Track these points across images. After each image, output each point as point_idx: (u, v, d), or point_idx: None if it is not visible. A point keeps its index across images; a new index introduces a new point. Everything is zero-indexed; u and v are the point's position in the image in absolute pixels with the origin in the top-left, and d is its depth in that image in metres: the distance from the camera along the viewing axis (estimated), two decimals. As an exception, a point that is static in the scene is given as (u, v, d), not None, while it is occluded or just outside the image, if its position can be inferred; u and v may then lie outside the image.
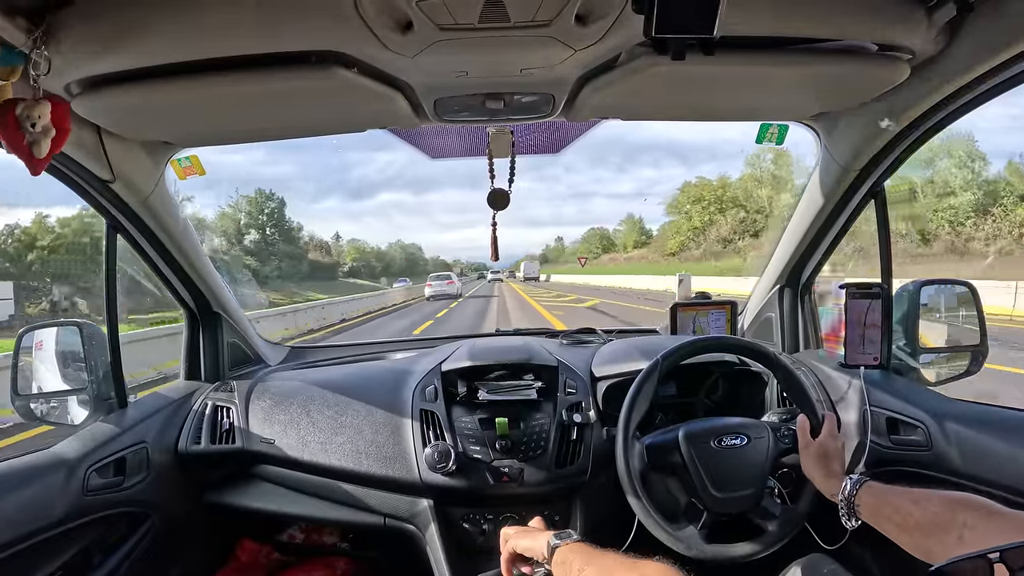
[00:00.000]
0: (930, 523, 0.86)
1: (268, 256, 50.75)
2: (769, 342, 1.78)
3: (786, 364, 1.27)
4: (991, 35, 0.93)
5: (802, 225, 1.58)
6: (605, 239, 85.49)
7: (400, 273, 76.38)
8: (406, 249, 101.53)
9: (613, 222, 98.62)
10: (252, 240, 51.24)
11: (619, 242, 78.30)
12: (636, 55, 1.02)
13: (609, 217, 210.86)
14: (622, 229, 79.29)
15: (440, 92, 1.15)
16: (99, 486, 1.25)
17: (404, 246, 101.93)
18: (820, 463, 1.13)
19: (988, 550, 0.52)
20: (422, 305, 24.20)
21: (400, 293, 29.79)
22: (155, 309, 9.15)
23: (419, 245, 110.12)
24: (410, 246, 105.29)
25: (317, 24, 0.89)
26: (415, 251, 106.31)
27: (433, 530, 1.38)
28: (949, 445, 1.16)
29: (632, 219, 77.30)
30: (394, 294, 28.99)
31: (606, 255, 78.10)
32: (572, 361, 1.58)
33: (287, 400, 1.55)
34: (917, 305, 1.44)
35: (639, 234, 72.33)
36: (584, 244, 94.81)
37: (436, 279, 29.46)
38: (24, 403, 1.35)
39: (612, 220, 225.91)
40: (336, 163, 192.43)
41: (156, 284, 1.62)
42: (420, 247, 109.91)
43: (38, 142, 0.86)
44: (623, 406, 1.21)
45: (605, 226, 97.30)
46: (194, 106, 1.13)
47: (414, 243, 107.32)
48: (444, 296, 26.68)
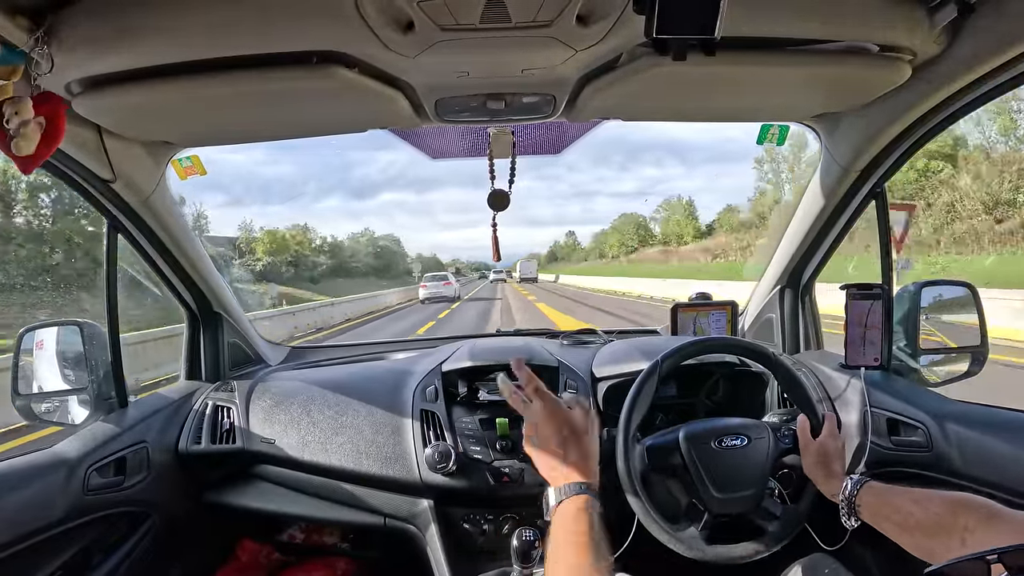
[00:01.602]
0: (932, 524, 0.86)
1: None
2: (770, 343, 1.78)
3: (787, 365, 1.27)
4: (992, 36, 0.93)
5: (803, 226, 1.58)
6: (642, 228, 72.11)
7: (370, 275, 59.71)
8: (376, 242, 74.60)
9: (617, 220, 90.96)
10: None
11: (667, 231, 63.49)
12: (637, 56, 1.02)
13: (610, 217, 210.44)
14: (664, 216, 65.33)
15: (441, 92, 1.15)
16: (99, 486, 1.25)
17: (374, 238, 75.64)
18: (821, 463, 1.13)
19: (986, 552, 0.52)
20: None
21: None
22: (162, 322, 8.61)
23: (398, 238, 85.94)
24: (383, 238, 78.80)
25: (318, 24, 0.89)
26: (391, 245, 79.50)
27: (433, 530, 1.38)
28: (950, 446, 1.16)
29: (679, 202, 63.46)
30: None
31: (649, 248, 64.85)
32: (573, 361, 1.58)
33: (287, 400, 1.55)
34: (918, 306, 1.43)
35: (687, 218, 58.33)
36: (614, 234, 79.05)
37: (432, 279, 28.15)
38: (25, 403, 1.35)
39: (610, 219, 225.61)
40: (337, 162, 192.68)
41: (157, 285, 1.62)
42: (399, 240, 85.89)
43: (18, 139, 0.85)
44: (624, 407, 1.21)
45: (639, 212, 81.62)
46: (195, 106, 1.12)
47: (390, 235, 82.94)
48: (440, 298, 25.47)
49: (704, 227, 58.55)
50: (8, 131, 0.85)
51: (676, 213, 63.55)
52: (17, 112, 0.84)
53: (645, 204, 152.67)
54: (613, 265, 66.87)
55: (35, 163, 0.89)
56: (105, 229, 1.39)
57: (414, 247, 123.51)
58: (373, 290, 32.45)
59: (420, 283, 27.78)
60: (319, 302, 20.71)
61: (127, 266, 1.51)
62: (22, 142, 0.85)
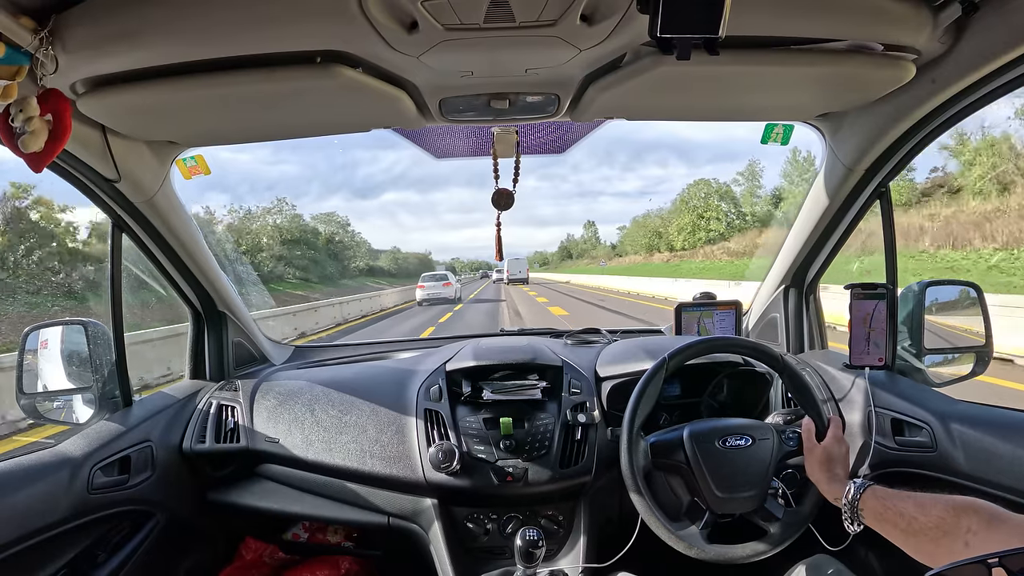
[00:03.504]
0: (935, 528, 0.85)
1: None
2: (774, 343, 1.78)
3: (791, 365, 1.26)
4: (996, 35, 0.93)
5: (807, 225, 1.58)
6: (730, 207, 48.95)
7: (314, 281, 39.49)
8: (299, 222, 45.53)
9: (620, 220, 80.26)
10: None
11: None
12: (641, 55, 1.02)
13: (611, 216, 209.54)
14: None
15: (445, 92, 1.15)
16: (104, 484, 1.25)
17: (298, 217, 46.30)
18: (824, 467, 1.12)
19: (987, 555, 0.52)
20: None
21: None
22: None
23: (346, 220, 57.97)
24: (323, 217, 54.75)
25: (322, 24, 0.89)
26: (340, 231, 54.04)
27: (437, 529, 1.38)
28: (954, 447, 1.16)
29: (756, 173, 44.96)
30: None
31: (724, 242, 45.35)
32: (577, 361, 1.58)
33: (292, 399, 1.55)
34: (922, 306, 1.43)
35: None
36: (689, 208, 50.98)
37: (430, 280, 25.59)
38: (30, 402, 1.35)
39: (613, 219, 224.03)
40: (340, 161, 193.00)
41: (163, 285, 1.63)
42: (347, 221, 58.23)
43: (25, 136, 0.86)
44: (628, 405, 1.21)
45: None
46: (199, 106, 1.13)
47: (333, 212, 65.50)
48: (439, 300, 23.41)
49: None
50: (15, 129, 0.86)
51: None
52: (22, 110, 0.85)
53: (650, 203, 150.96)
54: (657, 264, 50.31)
55: (45, 161, 0.89)
56: (109, 228, 1.39)
57: (414, 247, 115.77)
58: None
59: (418, 283, 25.77)
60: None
61: (131, 265, 1.52)
62: (30, 139, 0.86)
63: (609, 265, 60.33)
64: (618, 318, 15.07)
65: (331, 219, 56.33)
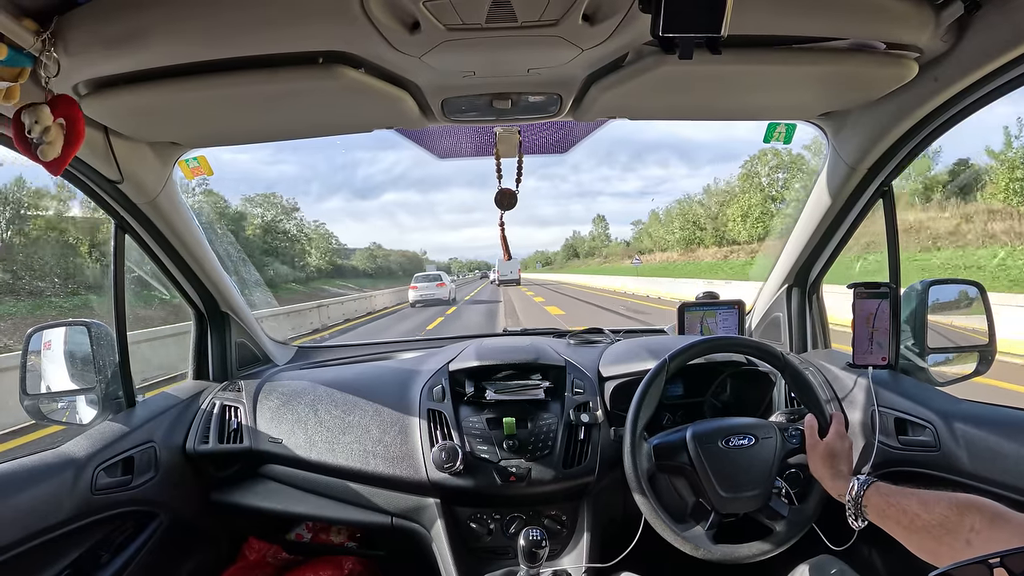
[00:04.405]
0: (937, 526, 0.85)
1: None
2: (777, 342, 1.78)
3: (794, 364, 1.26)
4: (999, 33, 0.93)
5: (810, 225, 1.57)
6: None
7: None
8: (220, 205, 37.12)
9: (620, 220, 73.13)
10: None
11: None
12: (643, 54, 1.02)
13: (612, 216, 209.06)
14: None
15: (447, 92, 1.15)
16: (107, 485, 1.25)
17: (213, 195, 37.03)
18: (828, 463, 1.12)
19: (989, 555, 0.52)
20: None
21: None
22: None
23: (294, 204, 46.84)
24: (259, 199, 44.51)
25: (324, 24, 0.89)
26: (284, 219, 43.92)
27: (440, 529, 1.38)
28: (958, 446, 1.16)
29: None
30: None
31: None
32: (580, 361, 1.58)
33: (295, 400, 1.56)
34: (925, 305, 1.43)
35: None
36: (754, 187, 40.06)
37: (423, 280, 24.89)
38: (33, 403, 1.35)
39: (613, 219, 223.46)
40: (340, 161, 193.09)
41: (165, 286, 1.63)
42: (295, 206, 46.75)
43: (43, 146, 0.86)
44: (631, 405, 1.21)
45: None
46: (201, 107, 1.13)
47: (273, 193, 50.77)
48: (433, 302, 22.85)
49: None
50: (32, 140, 0.86)
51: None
52: (37, 120, 0.85)
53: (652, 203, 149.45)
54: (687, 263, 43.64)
55: (62, 165, 0.89)
56: (112, 229, 1.39)
57: (414, 246, 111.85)
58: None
59: (411, 284, 24.84)
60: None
61: (134, 265, 1.51)
62: (48, 148, 0.86)
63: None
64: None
65: (270, 201, 43.95)
